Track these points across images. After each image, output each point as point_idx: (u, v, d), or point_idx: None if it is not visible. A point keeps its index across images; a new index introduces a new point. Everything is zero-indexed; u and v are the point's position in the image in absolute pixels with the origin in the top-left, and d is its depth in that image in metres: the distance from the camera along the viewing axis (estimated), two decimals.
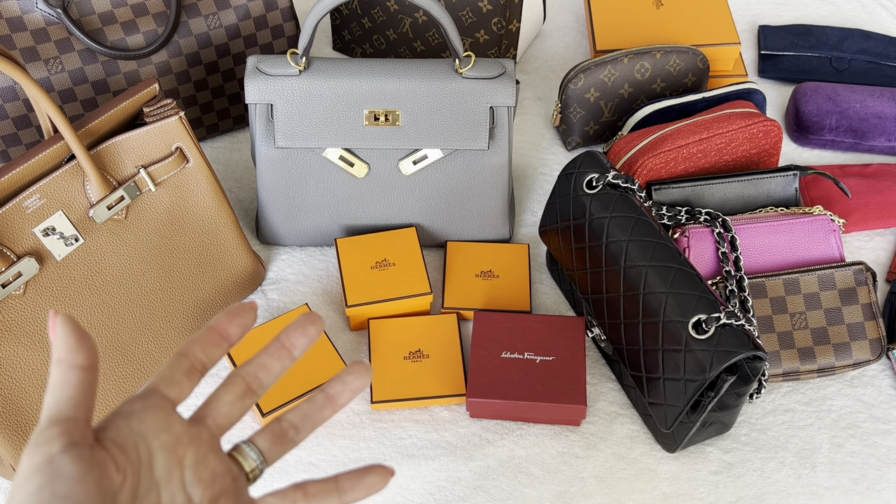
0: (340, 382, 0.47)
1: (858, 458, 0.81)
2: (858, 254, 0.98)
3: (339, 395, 0.47)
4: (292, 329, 0.47)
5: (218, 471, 0.43)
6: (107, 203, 0.76)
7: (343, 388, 0.47)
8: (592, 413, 0.84)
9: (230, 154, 1.06)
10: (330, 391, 0.47)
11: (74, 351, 0.41)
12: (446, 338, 0.86)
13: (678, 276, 0.75)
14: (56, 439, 0.38)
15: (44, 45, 0.89)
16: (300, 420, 0.46)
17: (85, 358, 0.41)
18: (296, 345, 0.47)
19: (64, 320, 0.41)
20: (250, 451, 0.45)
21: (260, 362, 0.46)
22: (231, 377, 0.46)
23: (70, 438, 0.38)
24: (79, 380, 0.40)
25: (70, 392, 0.40)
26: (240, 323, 0.46)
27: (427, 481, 0.79)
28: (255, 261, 0.91)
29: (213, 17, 0.95)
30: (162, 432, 0.42)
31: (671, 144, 0.91)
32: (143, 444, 0.41)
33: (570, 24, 1.23)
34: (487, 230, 0.95)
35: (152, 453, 0.41)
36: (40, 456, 0.38)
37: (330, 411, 0.47)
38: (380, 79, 0.86)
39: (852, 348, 0.85)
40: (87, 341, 0.41)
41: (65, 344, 0.41)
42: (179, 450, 0.42)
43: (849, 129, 1.05)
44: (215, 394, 0.45)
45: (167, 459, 0.41)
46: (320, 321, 0.47)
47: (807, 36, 1.17)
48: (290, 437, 0.46)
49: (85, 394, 0.40)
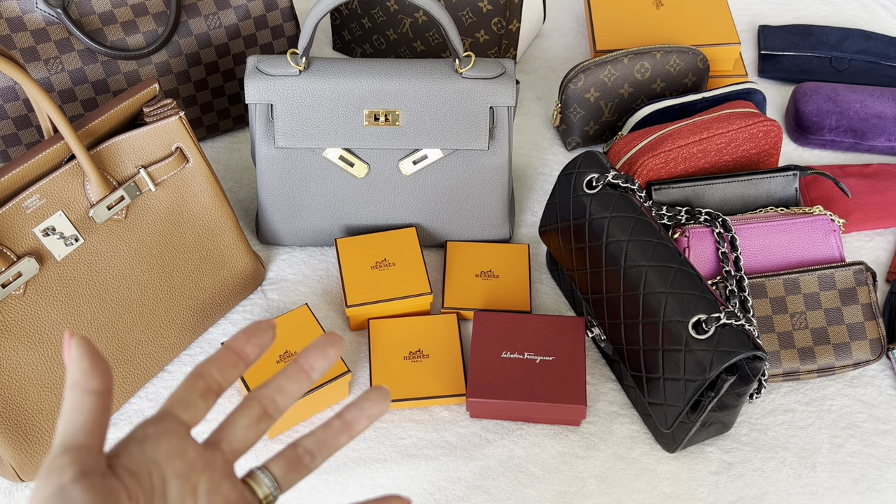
0: (358, 409, 0.46)
1: (858, 458, 0.81)
2: (858, 254, 0.98)
3: (356, 421, 0.46)
4: (311, 351, 0.46)
5: (231, 498, 0.42)
6: (107, 203, 0.76)
7: (361, 413, 0.46)
8: (592, 413, 0.84)
9: (230, 154, 1.06)
10: (347, 417, 0.46)
11: (89, 375, 0.40)
12: (446, 338, 0.86)
13: (678, 276, 0.75)
14: (68, 468, 0.37)
15: (44, 45, 0.89)
16: (316, 446, 0.45)
17: (100, 383, 0.40)
18: (314, 367, 0.46)
19: (79, 342, 0.41)
20: (264, 478, 0.44)
21: (277, 385, 0.45)
22: (246, 400, 0.45)
23: (82, 467, 0.38)
24: (93, 405, 0.40)
25: (84, 418, 0.39)
26: (257, 342, 0.45)
27: (427, 481, 0.79)
28: (255, 261, 0.91)
29: (213, 17, 0.95)
30: (176, 458, 0.41)
31: (671, 144, 0.91)
32: (156, 471, 0.40)
33: (570, 24, 1.23)
34: (487, 230, 0.95)
35: (166, 480, 0.40)
36: (52, 486, 0.37)
37: (347, 437, 0.46)
38: (380, 79, 0.86)
39: (852, 348, 0.85)
40: (102, 365, 0.41)
41: (79, 368, 0.40)
42: (193, 476, 0.41)
43: (849, 129, 1.05)
44: (230, 418, 0.44)
45: (181, 486, 0.41)
46: (340, 343, 0.46)
47: (807, 36, 1.17)
48: (306, 464, 0.45)
49: (98, 420, 0.40)
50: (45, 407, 0.76)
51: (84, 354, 0.40)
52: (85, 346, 0.41)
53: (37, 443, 0.76)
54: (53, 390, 0.76)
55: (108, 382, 0.41)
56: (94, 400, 0.40)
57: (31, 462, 0.76)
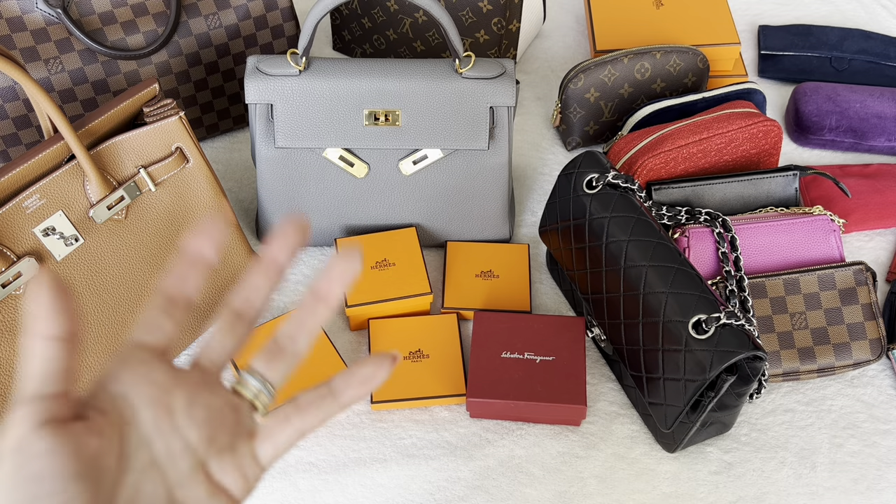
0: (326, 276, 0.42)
1: (858, 458, 0.81)
2: (858, 254, 0.98)
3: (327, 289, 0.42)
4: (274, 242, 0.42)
5: (215, 405, 0.41)
6: (107, 203, 0.76)
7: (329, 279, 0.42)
8: (592, 413, 0.84)
9: (230, 154, 1.06)
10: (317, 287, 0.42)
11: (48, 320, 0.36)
12: (446, 338, 0.86)
13: (678, 276, 0.75)
14: (24, 420, 0.35)
15: (44, 45, 0.89)
16: (294, 328, 0.43)
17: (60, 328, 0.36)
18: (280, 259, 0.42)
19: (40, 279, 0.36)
20: (248, 378, 0.42)
21: (247, 284, 0.42)
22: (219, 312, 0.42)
23: (40, 417, 0.36)
24: (52, 353, 0.36)
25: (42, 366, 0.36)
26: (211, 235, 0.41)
27: (427, 481, 0.79)
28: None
29: (213, 17, 0.95)
30: (141, 386, 0.39)
31: (671, 144, 0.91)
32: (123, 403, 0.38)
33: (570, 24, 1.23)
34: (487, 230, 0.95)
35: (135, 409, 0.39)
36: (11, 439, 0.35)
37: (324, 309, 0.42)
38: (380, 79, 0.86)
39: (852, 348, 0.85)
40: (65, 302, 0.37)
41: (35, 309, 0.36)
42: (165, 398, 0.39)
43: (849, 129, 1.05)
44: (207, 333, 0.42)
45: (153, 412, 0.39)
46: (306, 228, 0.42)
47: (807, 36, 1.17)
48: (288, 349, 0.42)
49: (59, 366, 0.37)
50: None
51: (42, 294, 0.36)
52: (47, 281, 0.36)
53: None
54: None
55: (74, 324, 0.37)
56: (55, 346, 0.36)
57: None
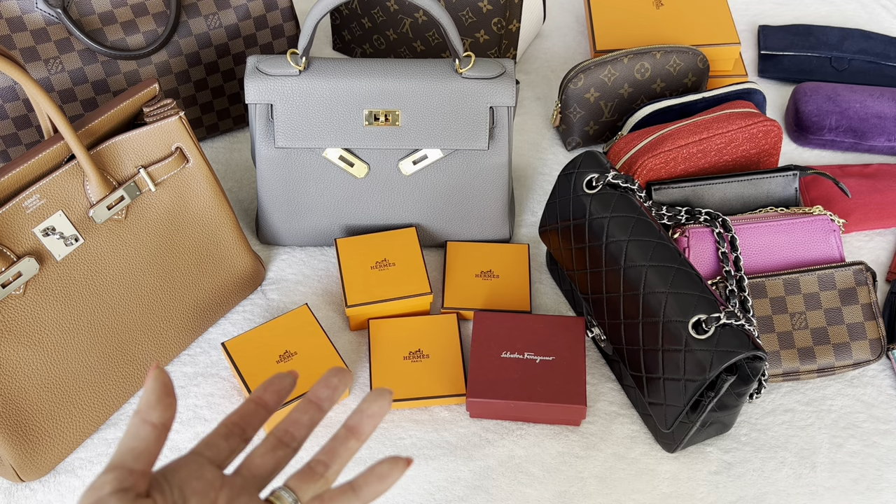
0: (359, 412, 0.50)
1: (858, 458, 0.81)
2: (858, 254, 0.98)
3: (359, 424, 0.50)
4: (319, 385, 0.51)
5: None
6: (107, 203, 0.76)
7: (361, 416, 0.50)
8: (592, 413, 0.84)
9: (230, 154, 1.06)
10: (350, 423, 0.50)
11: (152, 407, 0.46)
12: (446, 338, 0.86)
13: (678, 276, 0.75)
14: (108, 484, 0.43)
15: (44, 45, 0.89)
16: (326, 456, 0.49)
17: (159, 416, 0.46)
18: (321, 397, 0.51)
19: (156, 374, 0.46)
20: (284, 493, 0.48)
21: (289, 419, 0.50)
22: (266, 436, 0.50)
23: (121, 485, 0.43)
24: (146, 434, 0.45)
25: (134, 444, 0.45)
26: (275, 390, 0.51)
27: (427, 481, 0.79)
28: (255, 261, 0.91)
29: (213, 17, 0.95)
30: (194, 480, 0.46)
31: (671, 144, 0.91)
32: (178, 491, 0.45)
33: (570, 24, 1.23)
34: (487, 230, 0.95)
35: (186, 498, 0.45)
36: (92, 497, 0.43)
37: (355, 442, 0.50)
38: (380, 79, 0.86)
39: (852, 348, 0.85)
40: (167, 401, 0.46)
41: (146, 398, 0.46)
42: (212, 493, 0.46)
43: (849, 129, 1.05)
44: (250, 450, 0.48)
45: (200, 500, 0.46)
46: (346, 374, 0.51)
47: (807, 36, 1.17)
48: (320, 473, 0.49)
49: (148, 447, 0.45)
50: (45, 407, 0.76)
51: (154, 387, 0.46)
52: (159, 378, 0.46)
53: (36, 443, 0.76)
54: (53, 390, 0.76)
55: (168, 418, 0.46)
56: (149, 430, 0.45)
57: (30, 462, 0.76)
